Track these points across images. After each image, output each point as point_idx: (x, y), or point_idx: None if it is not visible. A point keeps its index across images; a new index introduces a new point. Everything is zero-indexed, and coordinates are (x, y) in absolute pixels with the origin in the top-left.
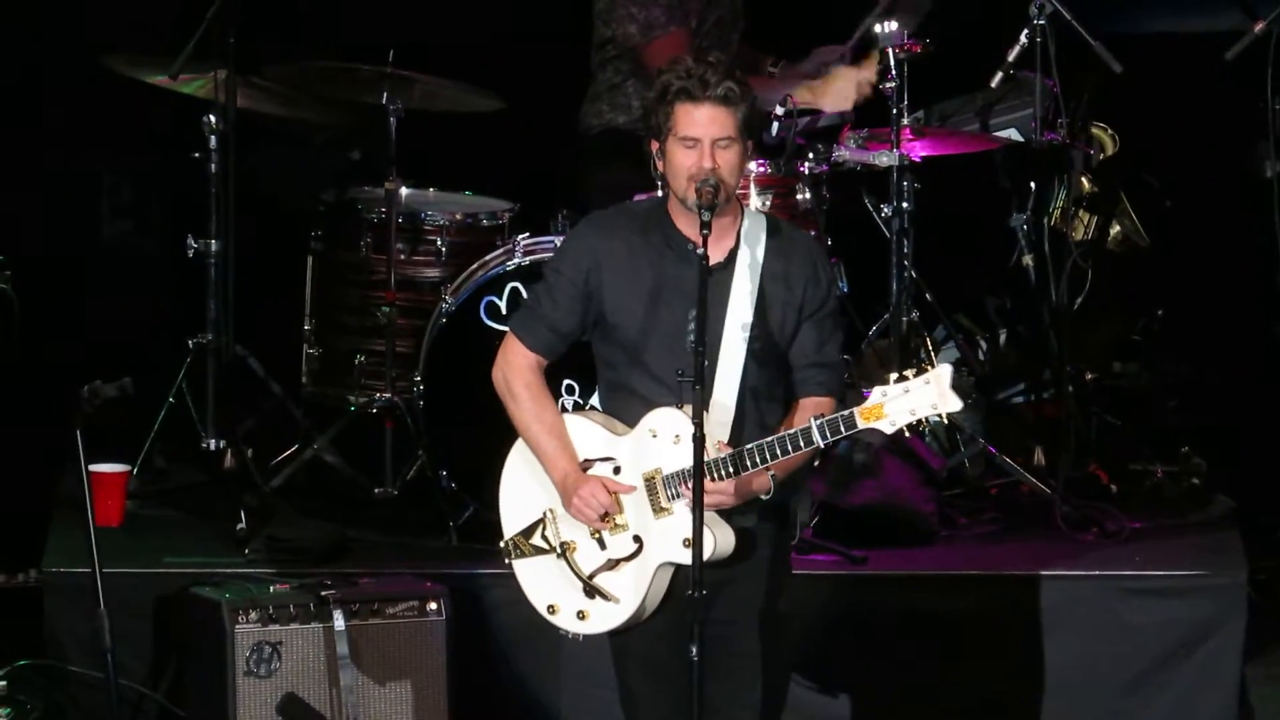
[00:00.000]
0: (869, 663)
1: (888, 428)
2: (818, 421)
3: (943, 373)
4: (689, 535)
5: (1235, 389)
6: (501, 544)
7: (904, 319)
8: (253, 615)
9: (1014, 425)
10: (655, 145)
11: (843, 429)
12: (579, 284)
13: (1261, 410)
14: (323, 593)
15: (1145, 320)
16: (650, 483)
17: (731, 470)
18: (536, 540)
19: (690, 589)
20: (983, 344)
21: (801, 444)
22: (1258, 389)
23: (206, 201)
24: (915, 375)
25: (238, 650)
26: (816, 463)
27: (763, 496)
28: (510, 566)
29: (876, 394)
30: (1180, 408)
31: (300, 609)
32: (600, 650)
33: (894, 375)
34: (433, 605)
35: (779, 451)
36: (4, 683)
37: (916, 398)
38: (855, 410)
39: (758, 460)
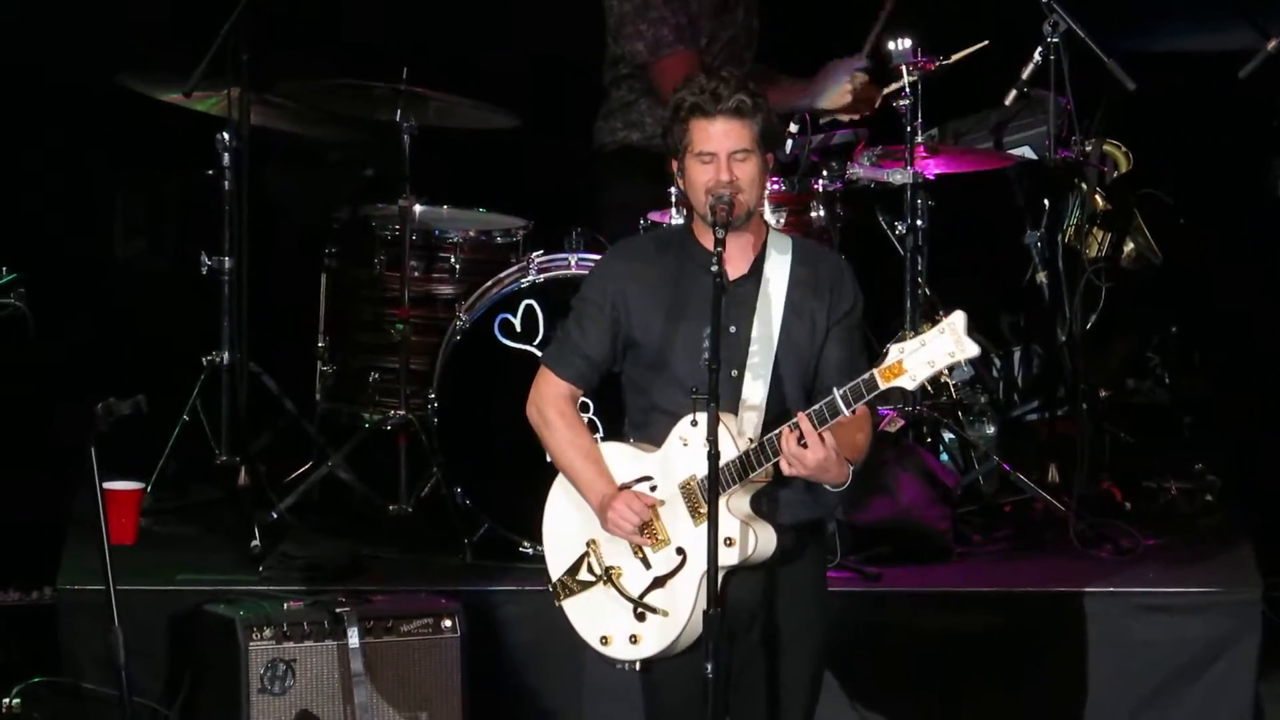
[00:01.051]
0: (882, 680)
1: (909, 383)
2: (840, 390)
3: (956, 320)
4: (730, 534)
5: (1249, 406)
6: (550, 586)
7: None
8: (267, 633)
9: (1028, 442)
10: (675, 164)
11: (865, 392)
12: (606, 311)
13: (1276, 427)
14: (337, 610)
15: (1159, 337)
16: (687, 490)
17: (759, 460)
18: (583, 575)
19: (707, 606)
20: (997, 361)
21: (827, 415)
22: (1272, 405)
23: (220, 219)
24: (930, 328)
25: (252, 667)
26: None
27: (830, 488)
28: (560, 608)
29: (894, 351)
30: (1194, 424)
31: (314, 626)
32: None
33: (910, 332)
34: (447, 622)
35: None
36: (18, 700)
37: (933, 348)
38: (875, 371)
39: (779, 448)
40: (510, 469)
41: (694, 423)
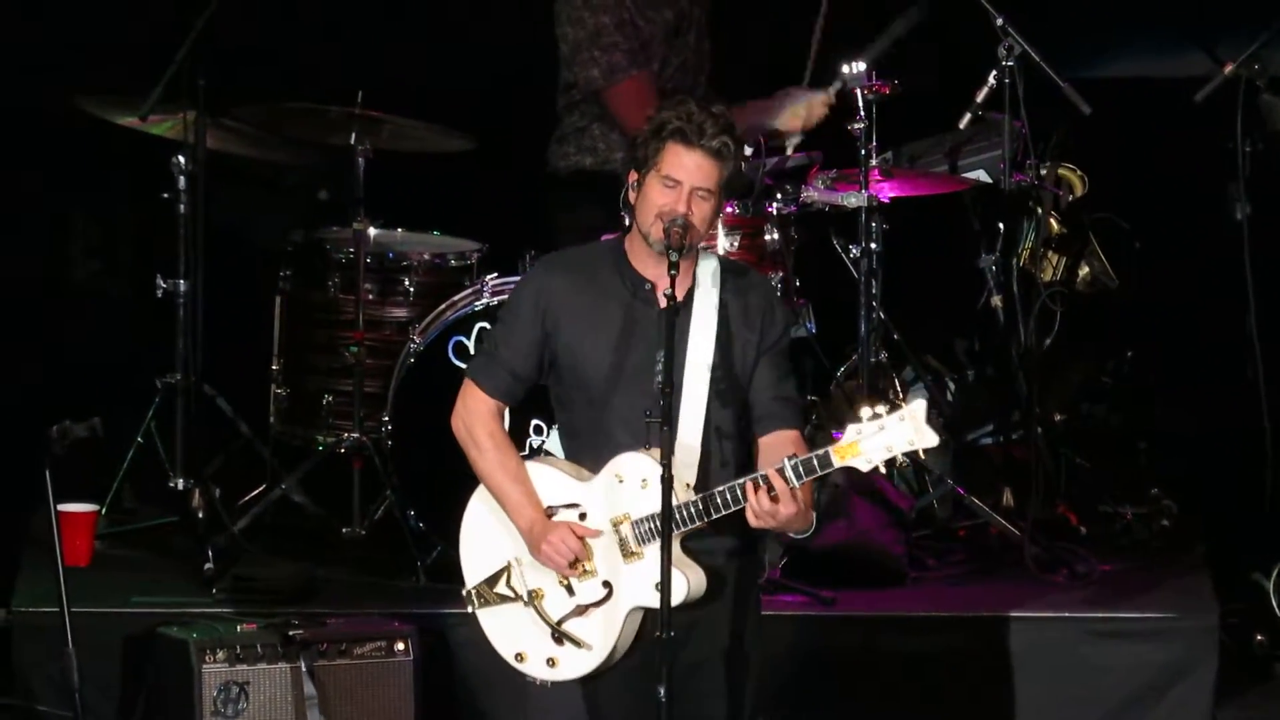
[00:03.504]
0: (837, 703)
1: (864, 465)
2: (791, 461)
3: (917, 408)
4: (660, 579)
5: (1205, 431)
6: (464, 593)
7: (872, 360)
8: (220, 655)
9: (983, 466)
10: (634, 176)
11: (818, 468)
12: (536, 326)
13: (1231, 452)
14: (290, 633)
15: (1114, 362)
16: (619, 527)
17: (703, 512)
18: (501, 589)
19: (659, 630)
20: (951, 385)
21: (773, 485)
22: (1227, 431)
23: (175, 242)
24: (889, 412)
25: (205, 690)
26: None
27: (795, 535)
28: (474, 615)
29: (851, 432)
30: (1149, 450)
31: (268, 649)
32: (567, 691)
33: (867, 412)
34: (400, 645)
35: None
36: None
37: (892, 434)
38: (830, 449)
39: (729, 501)
40: (464, 493)
41: (646, 447)
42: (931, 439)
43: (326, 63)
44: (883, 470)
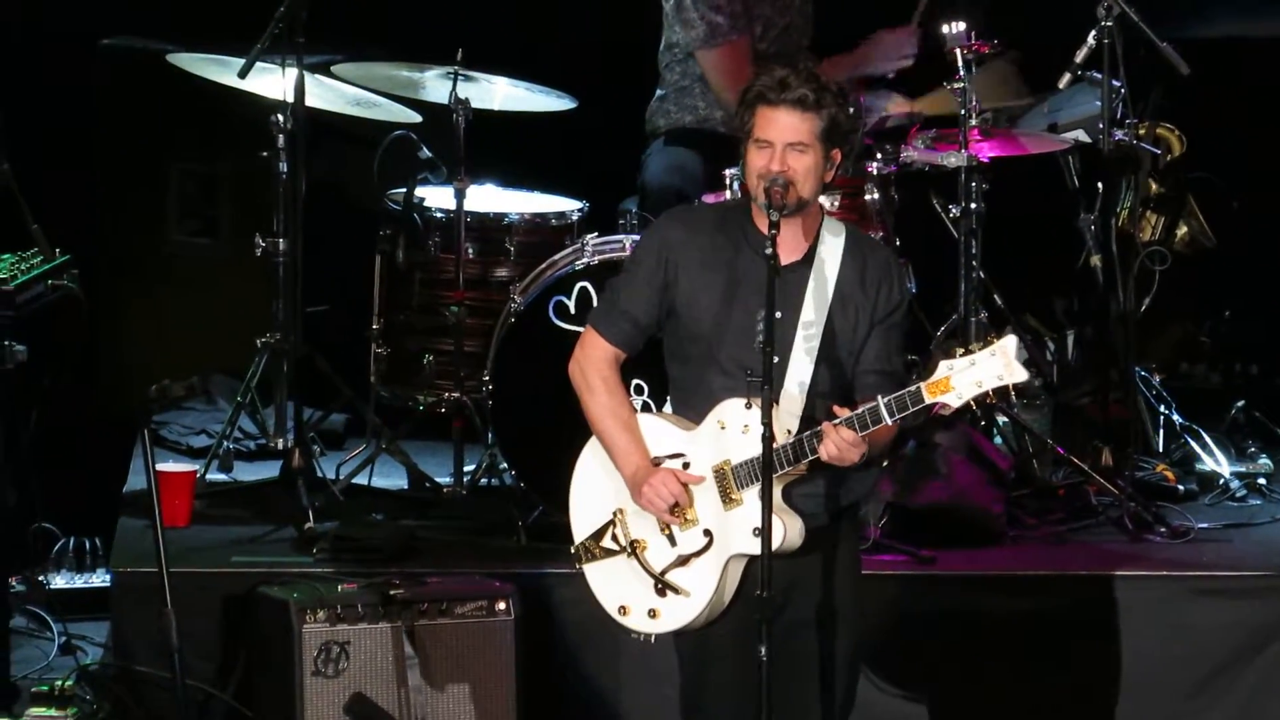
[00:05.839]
0: (937, 663)
1: (955, 401)
2: (884, 399)
3: (1008, 344)
4: (760, 525)
5: None
6: (572, 549)
7: (972, 319)
8: (320, 615)
9: (1082, 426)
10: (743, 147)
11: (910, 405)
12: (658, 276)
13: None
14: (390, 592)
15: (1212, 321)
16: (720, 474)
17: (794, 457)
18: (606, 542)
19: (759, 588)
20: (1050, 344)
21: (870, 422)
22: None
23: (275, 201)
24: (981, 349)
25: (305, 650)
26: (885, 463)
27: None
28: (580, 570)
29: (943, 368)
30: (1248, 407)
31: (368, 609)
32: (667, 649)
33: (960, 350)
34: (501, 605)
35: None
36: (71, 682)
37: (983, 370)
38: (922, 384)
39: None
40: (564, 452)
41: (748, 405)
42: (1021, 374)
43: (426, 21)
44: (974, 407)
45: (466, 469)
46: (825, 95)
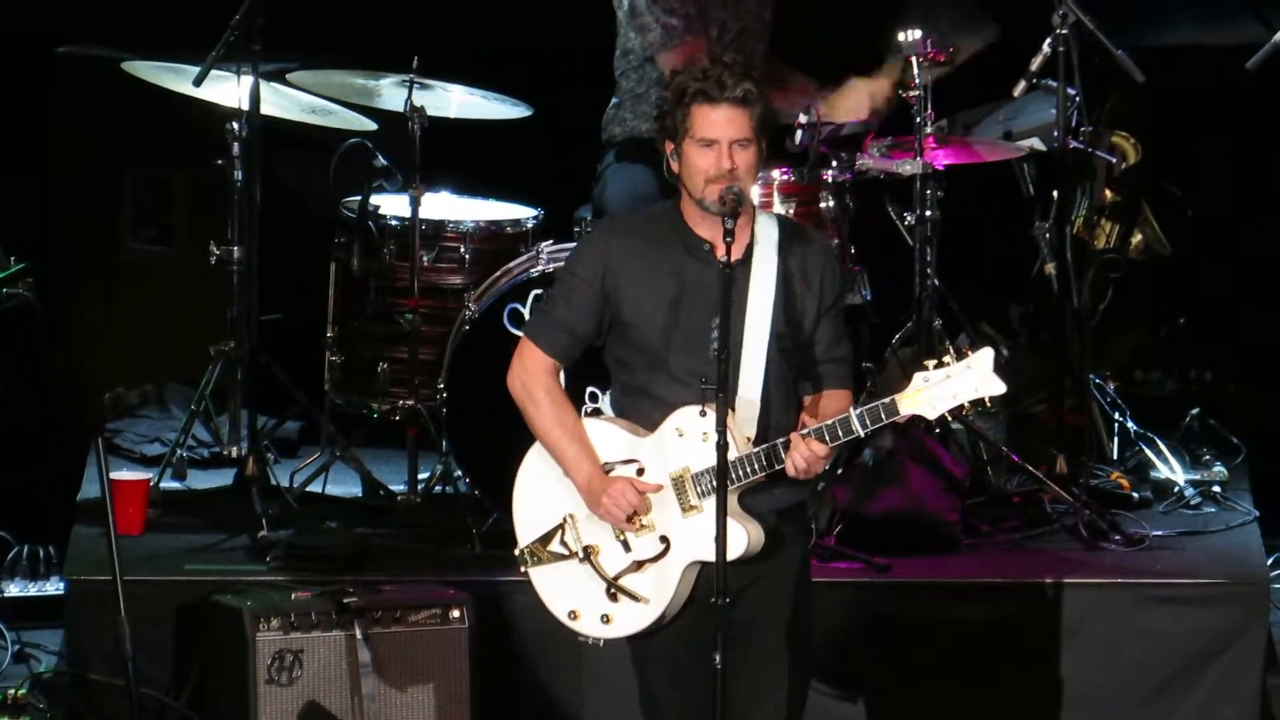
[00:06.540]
0: (891, 670)
1: (930, 413)
2: (857, 411)
3: (984, 357)
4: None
5: (1258, 396)
6: (516, 552)
7: (927, 327)
8: (274, 623)
9: (1036, 433)
10: (670, 147)
11: (884, 417)
12: (595, 286)
13: None
14: (344, 600)
15: (1167, 328)
16: (678, 481)
17: (764, 465)
18: (555, 546)
19: (714, 597)
20: (1005, 352)
21: (840, 434)
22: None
23: (230, 208)
24: (957, 361)
25: (259, 658)
26: (840, 470)
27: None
28: (526, 574)
29: (918, 380)
30: (1203, 415)
31: (322, 617)
32: (622, 655)
33: (933, 362)
34: (455, 612)
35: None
36: (25, 690)
37: (959, 382)
38: (896, 396)
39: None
40: (519, 460)
41: (703, 413)
42: (998, 387)
43: (382, 28)
44: (950, 419)
45: (421, 477)
46: (759, 87)
